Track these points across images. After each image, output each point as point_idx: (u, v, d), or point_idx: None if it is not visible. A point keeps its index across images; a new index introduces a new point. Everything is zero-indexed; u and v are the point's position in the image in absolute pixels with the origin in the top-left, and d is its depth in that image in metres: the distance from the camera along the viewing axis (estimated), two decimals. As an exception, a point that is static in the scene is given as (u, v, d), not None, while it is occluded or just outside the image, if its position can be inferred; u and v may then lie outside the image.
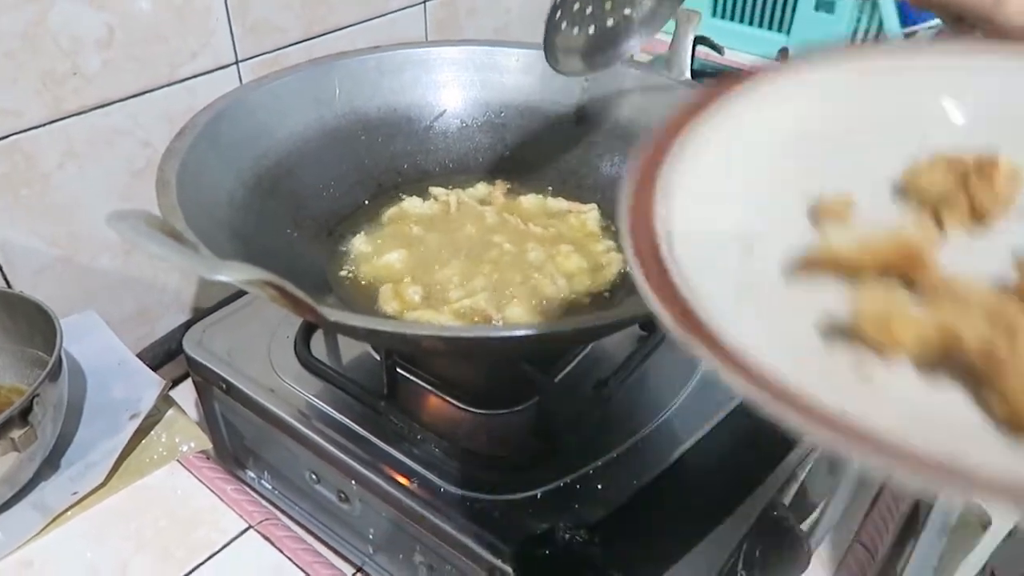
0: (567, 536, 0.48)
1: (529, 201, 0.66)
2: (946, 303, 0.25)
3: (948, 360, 0.24)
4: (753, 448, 0.55)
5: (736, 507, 0.52)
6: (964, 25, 0.43)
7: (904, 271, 0.27)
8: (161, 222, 0.41)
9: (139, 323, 0.71)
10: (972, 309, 0.24)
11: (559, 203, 0.65)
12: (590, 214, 0.64)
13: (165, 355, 0.71)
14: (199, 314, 0.75)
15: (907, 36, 1.14)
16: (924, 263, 0.27)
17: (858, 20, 1.13)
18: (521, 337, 0.41)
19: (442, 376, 0.58)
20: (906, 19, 1.14)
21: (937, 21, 1.10)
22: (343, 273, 0.59)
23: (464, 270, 0.58)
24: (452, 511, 0.50)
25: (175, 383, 0.70)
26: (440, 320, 0.53)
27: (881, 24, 1.11)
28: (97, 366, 0.60)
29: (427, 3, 0.86)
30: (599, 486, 0.51)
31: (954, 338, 0.24)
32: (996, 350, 0.22)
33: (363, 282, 0.58)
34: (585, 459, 0.53)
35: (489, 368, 0.60)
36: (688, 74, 0.63)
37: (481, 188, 0.67)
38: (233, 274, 0.35)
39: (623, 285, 0.58)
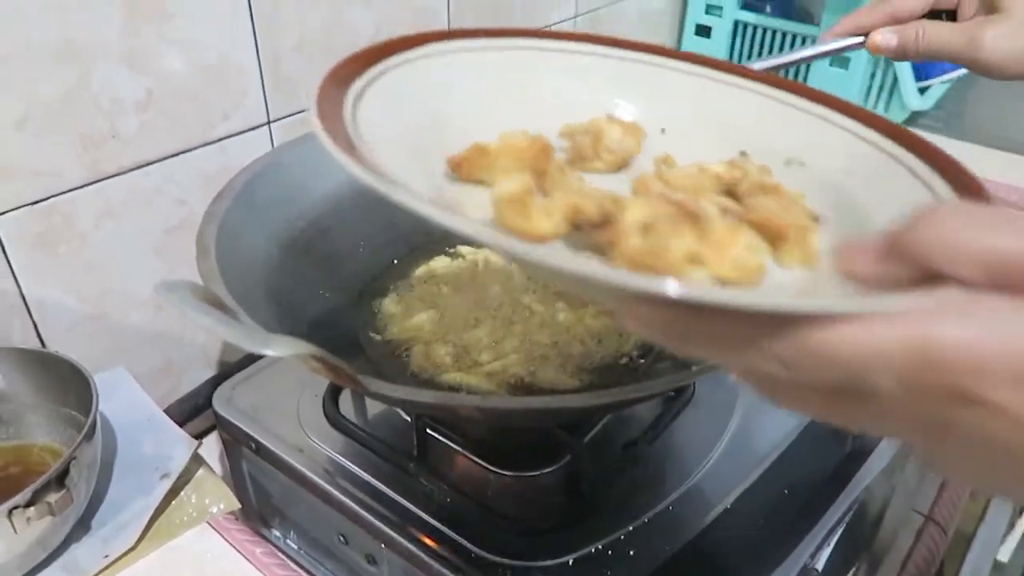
0: (601, 605, 0.47)
1: None
2: (572, 192, 0.31)
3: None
4: (789, 507, 0.55)
5: (773, 570, 0.51)
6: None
7: (535, 164, 0.33)
8: (204, 291, 0.42)
9: (165, 377, 0.72)
10: (591, 194, 0.31)
11: None
12: None
13: (192, 410, 0.71)
14: (225, 368, 0.75)
15: (922, 91, 1.15)
16: (550, 155, 0.34)
17: (872, 75, 1.15)
18: (559, 408, 0.42)
19: (472, 437, 0.58)
20: (920, 74, 1.16)
21: (952, 74, 1.12)
22: (373, 334, 0.59)
23: (493, 331, 0.58)
24: (484, 577, 0.49)
25: (200, 436, 0.70)
26: (471, 382, 0.54)
27: (896, 79, 1.13)
28: (126, 423, 0.60)
29: (452, 61, 0.88)
30: (631, 552, 0.51)
31: (577, 210, 0.30)
32: (611, 215, 0.29)
33: (393, 343, 0.59)
34: (617, 524, 0.52)
35: (519, 431, 0.60)
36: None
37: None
38: (280, 349, 0.35)
39: (652, 346, 0.58)
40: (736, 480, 0.56)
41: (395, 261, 0.65)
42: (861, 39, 0.51)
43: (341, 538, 0.58)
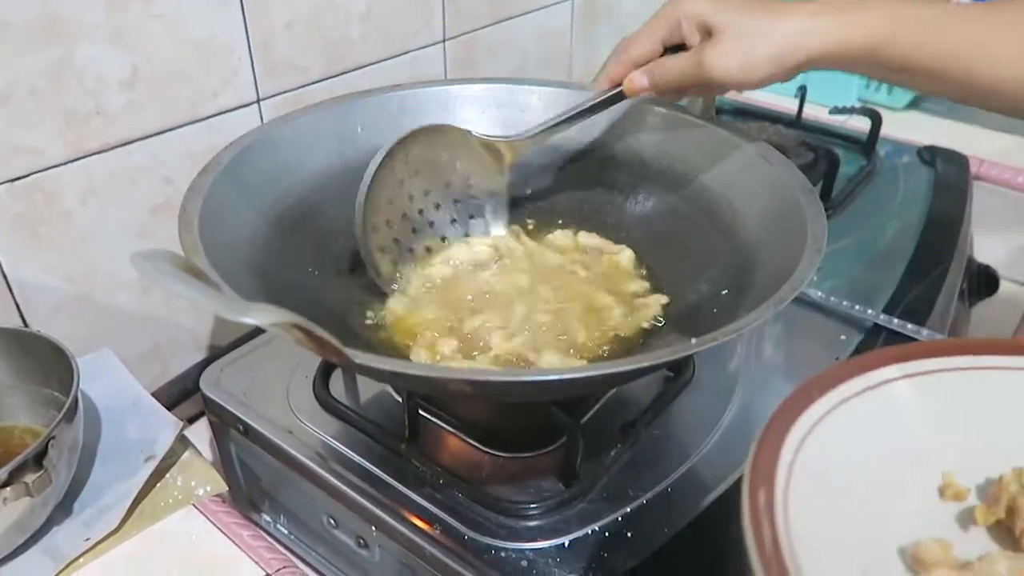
0: (597, 589, 0.46)
1: (559, 238, 0.65)
2: None
3: None
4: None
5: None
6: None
7: None
8: (184, 261, 0.40)
9: (153, 361, 0.70)
10: None
11: (591, 239, 0.64)
12: (623, 254, 0.63)
13: (180, 394, 0.70)
14: (214, 352, 0.74)
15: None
16: None
17: (875, 58, 1.13)
18: (551, 381, 0.40)
19: (465, 418, 0.57)
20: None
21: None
22: (368, 320, 0.57)
23: (495, 317, 0.56)
24: (476, 560, 0.48)
25: (189, 422, 0.69)
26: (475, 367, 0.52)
27: (898, 62, 1.11)
28: (112, 406, 0.59)
29: (446, 42, 0.87)
30: (629, 534, 0.49)
31: None
32: None
33: (387, 323, 0.57)
34: (614, 506, 0.51)
35: (514, 410, 0.59)
36: (712, 111, 0.63)
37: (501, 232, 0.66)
38: (260, 316, 0.33)
39: (657, 331, 0.56)
40: (735, 462, 0.54)
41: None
42: (619, 89, 0.58)
43: (331, 521, 0.56)
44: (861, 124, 0.98)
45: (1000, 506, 0.35)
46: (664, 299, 0.58)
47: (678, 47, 0.55)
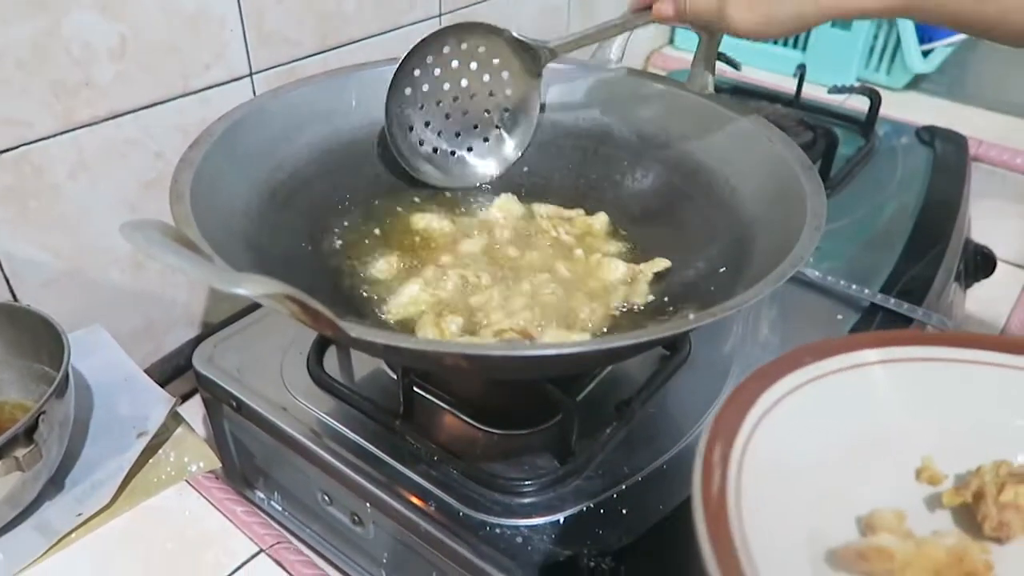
0: (591, 563, 0.46)
1: (545, 210, 0.65)
2: None
3: None
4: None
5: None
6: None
7: None
8: (176, 232, 0.40)
9: (146, 338, 0.70)
10: None
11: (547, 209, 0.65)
12: (598, 217, 0.63)
13: (173, 371, 0.69)
14: (208, 329, 0.73)
15: (925, 54, 1.13)
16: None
17: (875, 37, 1.12)
18: (548, 356, 0.40)
19: (460, 395, 0.56)
20: (923, 37, 1.13)
21: (956, 38, 1.10)
22: (364, 292, 0.57)
23: (499, 292, 0.56)
24: (471, 536, 0.48)
25: (183, 399, 0.68)
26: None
27: (899, 41, 1.10)
28: (104, 382, 0.58)
29: (441, 17, 0.85)
30: (624, 511, 0.49)
31: None
32: None
33: (377, 298, 0.56)
34: (609, 483, 0.51)
35: (509, 387, 0.58)
36: (712, 87, 0.62)
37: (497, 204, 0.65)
38: (252, 287, 0.33)
39: (654, 308, 0.56)
40: (732, 440, 0.54)
41: (383, 216, 0.63)
42: (649, 16, 0.57)
43: (326, 498, 0.56)
44: (860, 104, 0.97)
45: (969, 490, 0.36)
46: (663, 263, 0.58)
47: None
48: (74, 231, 0.61)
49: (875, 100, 0.94)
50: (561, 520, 0.48)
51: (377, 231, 0.61)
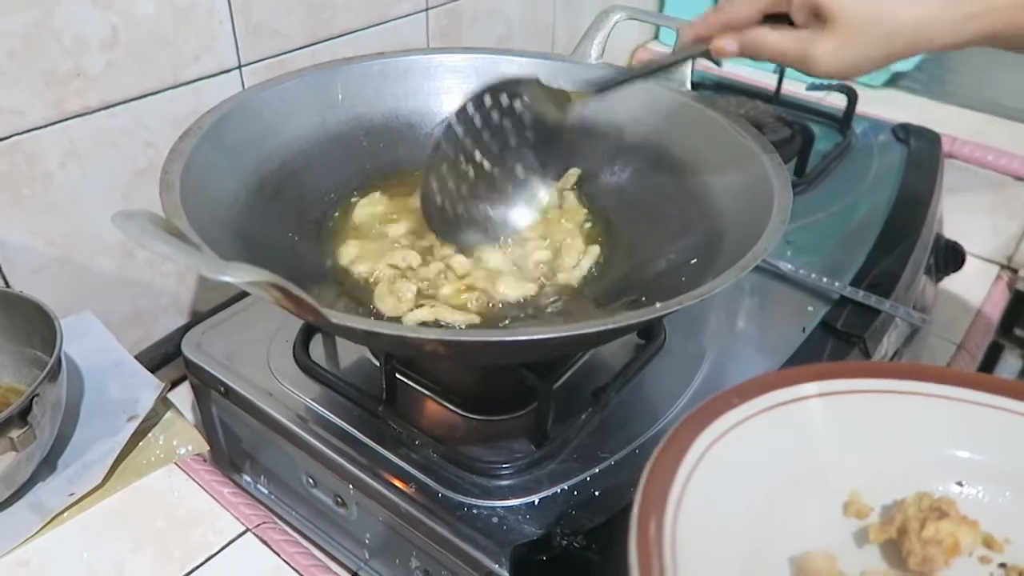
0: (564, 542, 0.48)
1: None
2: None
3: None
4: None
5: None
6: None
7: None
8: (166, 222, 0.41)
9: (135, 325, 0.71)
10: None
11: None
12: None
13: (162, 358, 0.71)
14: (196, 317, 0.75)
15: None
16: None
17: (855, 35, 1.14)
18: (522, 342, 0.42)
19: (441, 381, 0.58)
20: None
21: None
22: (340, 281, 0.58)
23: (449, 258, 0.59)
24: (450, 516, 0.50)
25: (172, 385, 0.70)
26: (443, 316, 0.53)
27: (877, 39, 1.12)
28: (94, 367, 0.60)
29: (429, 11, 0.87)
30: (596, 492, 0.51)
31: None
32: None
33: (358, 287, 0.58)
34: (583, 466, 0.53)
35: (488, 374, 0.60)
36: (689, 85, 0.64)
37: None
38: (238, 275, 0.35)
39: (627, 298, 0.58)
40: (703, 425, 0.56)
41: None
42: (705, 47, 0.54)
43: (310, 480, 0.58)
44: (838, 101, 0.99)
45: (893, 526, 0.37)
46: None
47: (777, 15, 0.51)
48: (65, 219, 0.62)
49: (852, 97, 0.96)
50: (536, 501, 0.51)
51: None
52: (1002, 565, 0.37)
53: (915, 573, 0.37)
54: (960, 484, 0.40)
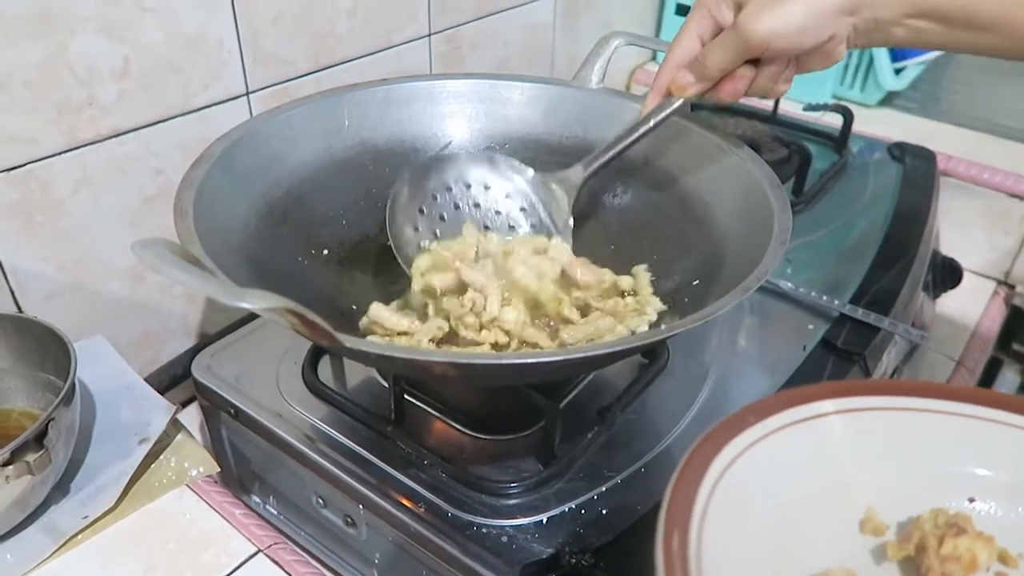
0: (572, 560, 0.49)
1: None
2: None
3: None
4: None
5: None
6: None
7: None
8: (181, 249, 0.42)
9: (144, 348, 0.72)
10: None
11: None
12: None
13: (171, 380, 0.71)
14: (204, 339, 0.76)
15: (897, 72, 1.17)
16: None
17: (849, 55, 1.16)
18: (530, 364, 0.42)
19: (449, 402, 0.59)
20: (895, 55, 1.17)
21: (927, 56, 1.14)
22: (353, 307, 0.59)
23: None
24: (459, 536, 0.50)
25: (181, 406, 0.70)
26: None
27: (872, 60, 1.14)
28: (105, 390, 0.60)
29: (431, 37, 0.89)
30: (603, 511, 0.52)
31: None
32: None
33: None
34: (590, 484, 0.54)
35: (496, 394, 0.61)
36: (688, 107, 0.65)
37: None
38: (255, 301, 0.36)
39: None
40: (707, 443, 0.57)
41: (375, 230, 0.65)
42: (678, 99, 0.55)
43: (320, 501, 0.58)
44: (834, 120, 1.01)
45: (911, 543, 0.38)
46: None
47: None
48: (77, 245, 0.63)
49: (848, 117, 0.98)
50: (544, 520, 0.51)
51: (368, 245, 0.64)
52: None
53: None
54: (972, 500, 0.40)
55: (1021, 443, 0.41)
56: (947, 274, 0.93)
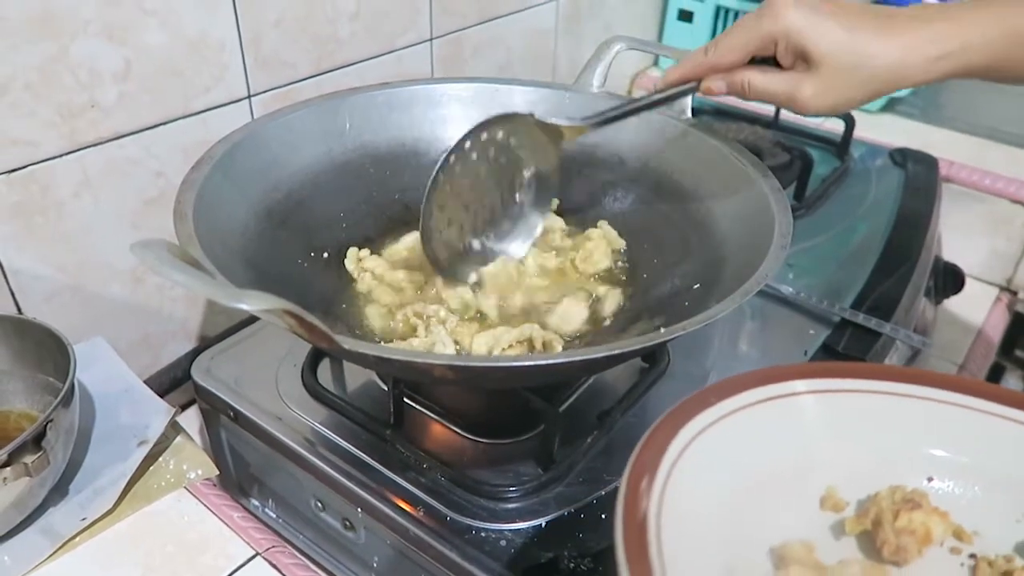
0: (572, 565, 0.48)
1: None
2: None
3: None
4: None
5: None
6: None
7: None
8: (180, 251, 0.42)
9: (144, 350, 0.72)
10: None
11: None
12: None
13: (171, 382, 0.71)
14: (204, 342, 0.75)
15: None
16: None
17: (851, 61, 1.16)
18: (529, 367, 0.42)
19: (448, 405, 0.59)
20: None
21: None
22: (351, 308, 0.59)
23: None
24: (458, 540, 0.50)
25: (181, 409, 0.70)
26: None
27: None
28: (105, 392, 0.60)
29: (433, 41, 0.89)
30: (603, 515, 0.52)
31: None
32: None
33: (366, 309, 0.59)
34: (589, 489, 0.53)
35: (495, 398, 0.61)
36: (689, 113, 0.65)
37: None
38: (253, 303, 0.36)
39: (631, 322, 0.59)
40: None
41: (374, 234, 0.66)
42: (694, 85, 0.56)
43: (318, 504, 0.58)
44: (836, 126, 1.01)
45: (868, 518, 0.39)
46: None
47: (764, 58, 0.53)
48: (77, 247, 0.63)
49: (850, 123, 0.98)
50: (543, 524, 0.51)
51: (369, 247, 0.64)
52: (972, 556, 0.39)
53: (889, 562, 0.38)
54: (931, 479, 0.42)
55: (980, 425, 0.42)
56: (949, 280, 0.93)
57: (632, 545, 0.32)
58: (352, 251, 0.63)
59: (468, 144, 0.59)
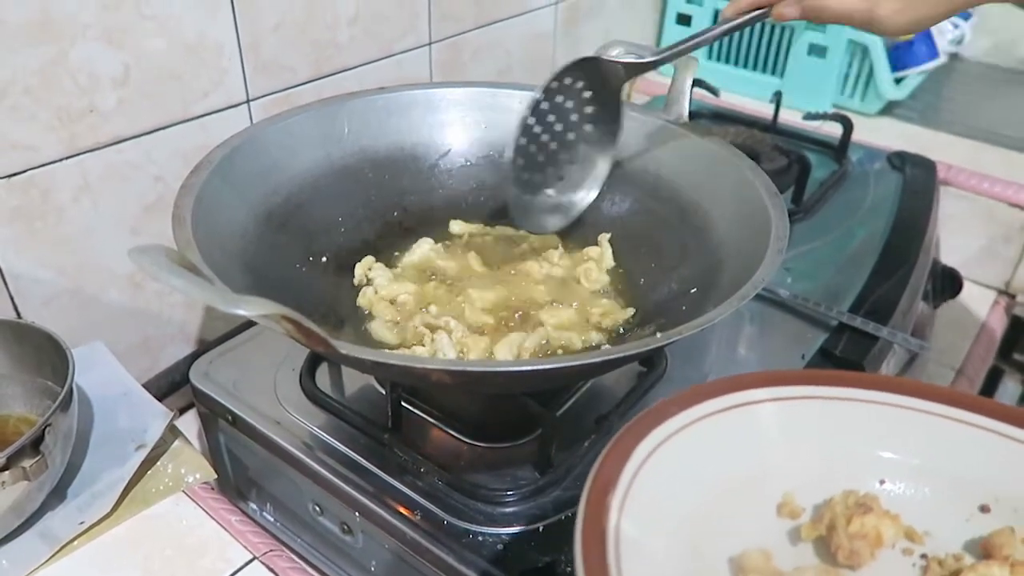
0: (569, 569, 0.48)
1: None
2: None
3: None
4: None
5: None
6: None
7: None
8: (179, 256, 0.42)
9: (142, 354, 0.72)
10: None
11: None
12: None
13: (169, 386, 0.71)
14: (203, 346, 0.76)
15: (897, 81, 1.17)
16: None
17: (849, 65, 1.17)
18: (526, 372, 0.42)
19: (446, 409, 0.59)
20: (896, 64, 1.17)
21: (927, 66, 1.14)
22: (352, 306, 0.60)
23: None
24: (455, 544, 0.50)
25: (179, 413, 0.70)
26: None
27: (872, 69, 1.14)
28: (103, 396, 0.60)
29: (432, 45, 0.89)
30: (600, 519, 0.52)
31: None
32: None
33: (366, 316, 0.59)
34: (587, 493, 0.53)
35: (492, 402, 0.61)
36: (686, 116, 0.65)
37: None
38: (251, 308, 0.36)
39: (628, 327, 0.59)
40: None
41: (373, 237, 0.66)
42: (764, 11, 0.55)
43: (316, 508, 0.58)
44: (834, 130, 1.01)
45: (823, 523, 0.39)
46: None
47: None
48: (77, 251, 0.63)
49: (848, 126, 0.98)
50: (540, 528, 0.51)
51: (367, 251, 0.64)
52: (923, 556, 0.39)
53: (844, 567, 0.38)
54: (883, 482, 0.42)
55: (929, 427, 0.42)
56: (947, 283, 0.93)
57: (592, 562, 0.32)
58: (367, 260, 0.63)
59: (543, 95, 0.60)
